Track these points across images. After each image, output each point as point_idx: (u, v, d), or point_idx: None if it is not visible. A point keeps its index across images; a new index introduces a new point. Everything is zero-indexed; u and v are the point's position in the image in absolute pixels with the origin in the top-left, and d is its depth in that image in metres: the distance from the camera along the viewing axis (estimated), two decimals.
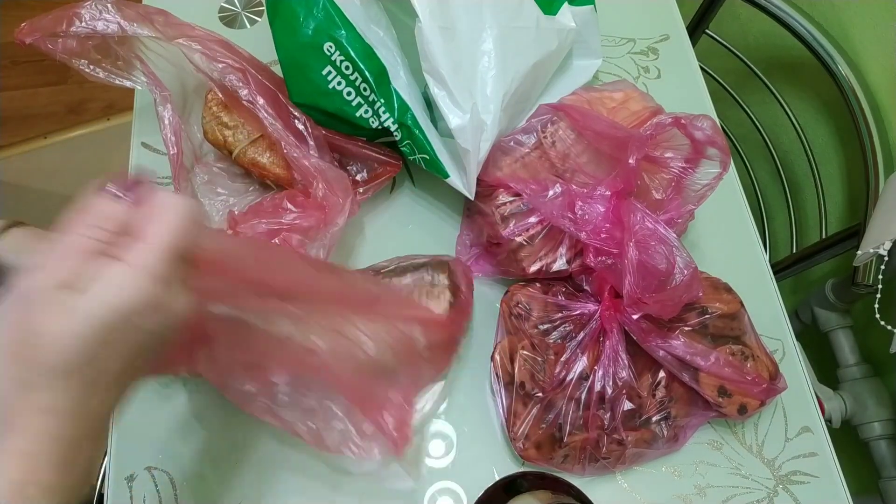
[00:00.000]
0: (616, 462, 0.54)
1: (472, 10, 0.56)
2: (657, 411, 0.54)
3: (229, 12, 0.78)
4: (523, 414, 0.53)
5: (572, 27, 0.63)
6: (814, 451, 0.57)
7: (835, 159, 0.96)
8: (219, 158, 0.66)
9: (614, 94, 0.60)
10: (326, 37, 0.54)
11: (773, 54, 1.02)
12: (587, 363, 0.54)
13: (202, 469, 0.55)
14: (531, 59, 0.59)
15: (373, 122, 0.58)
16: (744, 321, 0.57)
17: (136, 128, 0.70)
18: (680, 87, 0.75)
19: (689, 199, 0.56)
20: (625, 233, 0.51)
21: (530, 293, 0.58)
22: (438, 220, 0.66)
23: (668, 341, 0.53)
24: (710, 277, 0.59)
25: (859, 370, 0.89)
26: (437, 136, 0.59)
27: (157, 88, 0.59)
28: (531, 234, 0.56)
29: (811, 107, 0.99)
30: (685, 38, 0.79)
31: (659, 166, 0.56)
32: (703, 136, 0.53)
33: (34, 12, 0.54)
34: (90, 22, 0.54)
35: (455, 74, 0.54)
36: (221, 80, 0.57)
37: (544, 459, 0.53)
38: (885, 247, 0.68)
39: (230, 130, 0.60)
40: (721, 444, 0.57)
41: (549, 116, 0.58)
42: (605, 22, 0.72)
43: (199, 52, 0.56)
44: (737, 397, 0.54)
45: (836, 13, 0.87)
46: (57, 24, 0.54)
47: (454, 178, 0.58)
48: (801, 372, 0.61)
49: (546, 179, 0.57)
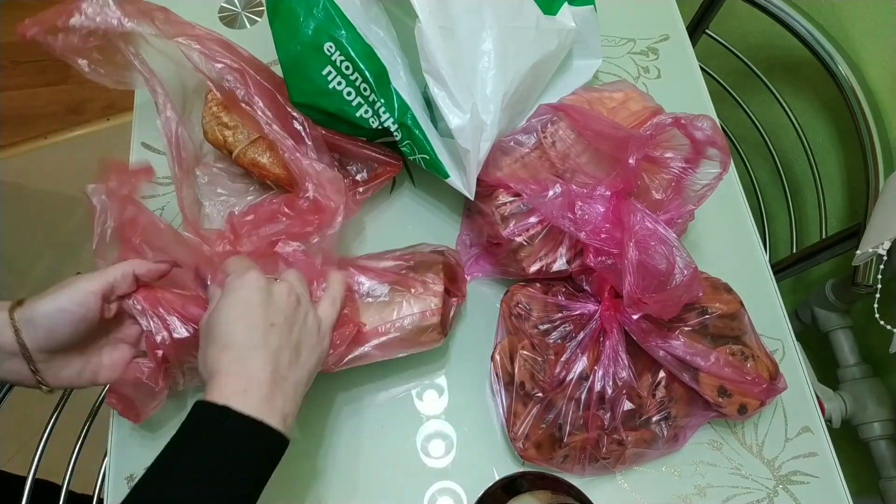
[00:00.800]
0: (616, 462, 0.54)
1: (472, 10, 0.56)
2: (657, 411, 0.54)
3: (229, 12, 0.78)
4: (523, 414, 0.53)
5: (572, 27, 0.63)
6: (814, 451, 0.57)
7: (835, 159, 0.96)
8: (219, 158, 0.66)
9: (614, 94, 0.60)
10: (326, 37, 0.54)
11: (773, 54, 1.02)
12: (587, 363, 0.54)
13: None
14: (531, 59, 0.59)
15: (373, 122, 0.58)
16: (744, 321, 0.57)
17: (136, 128, 0.70)
18: (680, 87, 0.75)
19: (689, 199, 0.56)
20: (625, 233, 0.51)
21: (530, 293, 0.58)
22: (438, 220, 0.66)
23: (668, 341, 0.53)
24: (710, 277, 0.59)
25: (859, 370, 0.89)
26: (437, 136, 0.59)
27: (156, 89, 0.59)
28: (531, 234, 0.56)
29: (811, 107, 0.99)
30: (685, 38, 0.79)
31: (659, 166, 0.56)
32: (703, 136, 0.53)
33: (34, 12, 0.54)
34: (91, 16, 0.54)
35: (455, 74, 0.54)
36: (219, 79, 0.57)
37: (544, 459, 0.53)
38: (885, 246, 0.68)
39: (230, 130, 0.60)
40: (721, 444, 0.57)
41: (549, 116, 0.58)
42: (605, 22, 0.72)
43: (197, 51, 0.56)
44: (737, 397, 0.54)
45: (836, 13, 0.87)
46: (58, 18, 0.54)
47: (454, 178, 0.58)
48: (801, 372, 0.61)
49: (546, 179, 0.57)
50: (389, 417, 0.58)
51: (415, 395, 0.59)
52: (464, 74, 0.55)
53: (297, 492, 0.55)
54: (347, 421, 0.57)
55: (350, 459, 0.56)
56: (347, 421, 0.57)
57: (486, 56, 0.56)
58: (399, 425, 0.57)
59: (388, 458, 0.56)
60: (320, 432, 0.57)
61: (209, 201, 0.64)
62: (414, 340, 0.54)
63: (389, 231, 0.65)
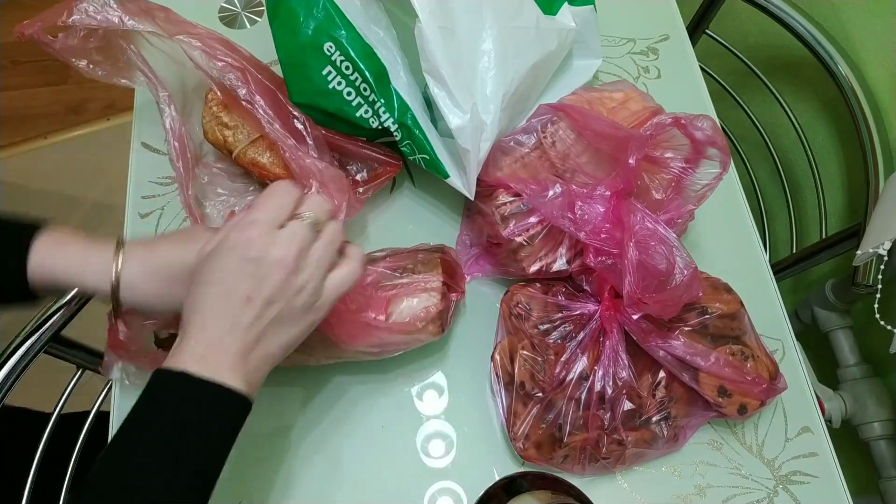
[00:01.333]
0: (616, 462, 0.54)
1: (472, 10, 0.56)
2: (657, 411, 0.54)
3: (229, 12, 0.78)
4: (523, 414, 0.53)
5: (572, 27, 0.63)
6: (814, 451, 0.57)
7: (835, 159, 0.96)
8: (219, 158, 0.66)
9: (614, 94, 0.60)
10: (326, 37, 0.54)
11: (773, 54, 1.02)
12: (587, 363, 0.54)
13: None
14: (531, 59, 0.59)
15: (373, 122, 0.58)
16: (744, 321, 0.57)
17: (136, 128, 0.70)
18: (680, 87, 0.75)
19: (689, 199, 0.56)
20: (625, 233, 0.51)
21: (530, 293, 0.58)
22: (438, 220, 0.66)
23: (668, 341, 0.53)
24: (710, 277, 0.59)
25: (859, 370, 0.89)
26: (437, 136, 0.59)
27: (157, 88, 0.59)
28: (531, 234, 0.56)
29: (811, 107, 0.99)
30: (685, 38, 0.79)
31: (659, 166, 0.56)
32: (703, 136, 0.53)
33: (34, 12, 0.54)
34: (92, 14, 0.54)
35: (455, 74, 0.54)
36: (220, 78, 0.57)
37: (544, 459, 0.53)
38: (885, 247, 0.68)
39: (230, 130, 0.60)
40: (721, 444, 0.57)
41: (549, 116, 0.58)
42: (605, 22, 0.72)
43: (199, 49, 0.56)
44: (737, 397, 0.54)
45: (836, 13, 0.87)
46: (58, 16, 0.54)
47: (454, 178, 0.58)
48: (801, 372, 0.61)
49: (546, 179, 0.57)
50: (389, 417, 0.58)
51: (415, 395, 0.59)
52: (464, 74, 0.55)
53: (297, 492, 0.55)
54: (347, 421, 0.57)
55: (350, 459, 0.56)
56: (347, 421, 0.57)
57: (486, 56, 0.56)
58: (399, 425, 0.57)
59: (388, 458, 0.56)
60: (320, 433, 0.57)
61: (209, 201, 0.64)
62: (413, 336, 0.54)
63: (389, 231, 0.65)
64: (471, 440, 0.57)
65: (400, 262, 0.56)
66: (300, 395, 0.58)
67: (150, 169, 0.68)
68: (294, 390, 0.58)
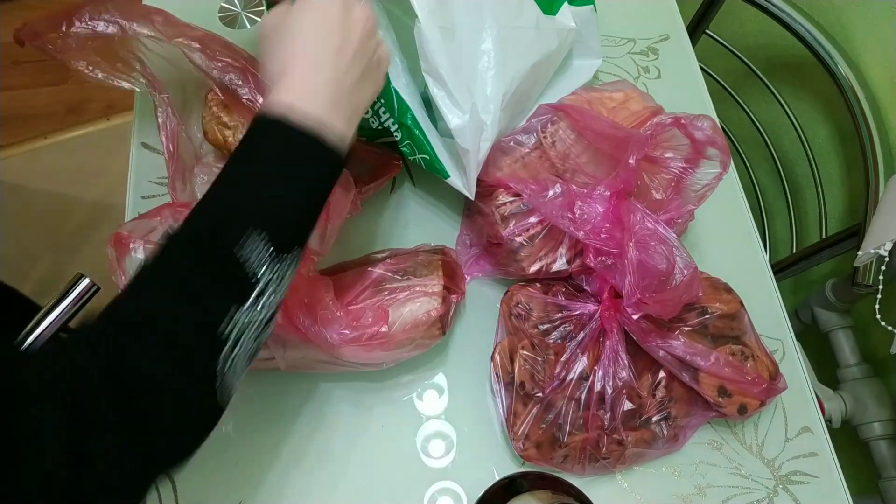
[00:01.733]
0: (616, 462, 0.54)
1: (472, 10, 0.56)
2: (657, 411, 0.54)
3: (229, 12, 0.78)
4: (523, 414, 0.53)
5: (572, 27, 0.63)
6: (814, 451, 0.57)
7: (835, 159, 0.96)
8: (219, 158, 0.66)
9: (614, 94, 0.60)
10: None
11: (773, 54, 1.02)
12: (587, 363, 0.54)
13: (202, 469, 0.55)
14: (531, 59, 0.59)
15: (373, 122, 0.58)
16: (744, 321, 0.57)
17: (136, 128, 0.70)
18: (680, 87, 0.75)
19: (689, 199, 0.56)
20: (625, 233, 0.51)
21: (530, 293, 0.58)
22: (438, 221, 0.66)
23: (668, 341, 0.53)
24: (710, 277, 0.59)
25: (859, 370, 0.89)
26: (437, 136, 0.59)
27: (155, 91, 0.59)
28: (531, 234, 0.56)
29: (811, 107, 0.99)
30: (685, 38, 0.79)
31: (659, 166, 0.56)
32: (703, 136, 0.53)
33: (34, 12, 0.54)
34: (90, 22, 0.54)
35: (454, 74, 0.54)
36: (221, 78, 0.57)
37: (544, 459, 0.53)
38: (886, 247, 0.68)
39: (230, 130, 0.60)
40: (721, 444, 0.57)
41: (549, 116, 0.58)
42: (605, 22, 0.72)
43: (198, 51, 0.56)
44: (737, 397, 0.54)
45: (836, 13, 0.87)
46: (57, 25, 0.54)
47: (454, 178, 0.58)
48: (801, 372, 0.61)
49: (546, 179, 0.57)
50: (389, 417, 0.58)
51: (415, 395, 0.59)
52: (463, 74, 0.55)
53: (297, 492, 0.55)
54: (347, 421, 0.57)
55: (350, 459, 0.56)
56: (347, 421, 0.57)
57: (486, 56, 0.56)
58: (399, 425, 0.57)
59: (388, 458, 0.56)
60: (319, 433, 0.57)
61: None
62: (415, 339, 0.54)
63: (389, 231, 0.65)
64: (471, 440, 0.57)
65: (400, 263, 0.56)
66: (300, 396, 0.58)
67: (150, 169, 0.68)
68: (294, 391, 0.58)
